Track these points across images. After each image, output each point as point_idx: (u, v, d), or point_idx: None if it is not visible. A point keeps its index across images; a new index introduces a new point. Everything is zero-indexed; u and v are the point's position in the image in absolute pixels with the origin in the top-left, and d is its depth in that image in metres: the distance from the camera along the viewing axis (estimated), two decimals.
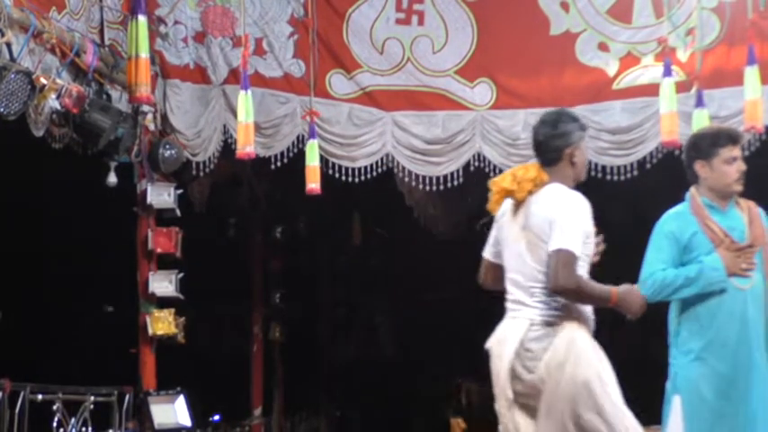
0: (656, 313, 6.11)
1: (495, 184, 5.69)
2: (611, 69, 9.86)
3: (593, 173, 9.84)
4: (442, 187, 10.24)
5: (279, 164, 10.24)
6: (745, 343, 6.17)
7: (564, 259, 5.30)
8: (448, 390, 15.38)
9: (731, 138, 6.40)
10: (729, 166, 6.33)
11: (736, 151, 6.36)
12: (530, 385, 5.45)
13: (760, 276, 6.21)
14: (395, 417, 15.49)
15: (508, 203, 5.67)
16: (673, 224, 6.39)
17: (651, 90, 9.64)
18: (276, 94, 10.22)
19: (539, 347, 5.43)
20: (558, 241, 5.32)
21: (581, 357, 5.40)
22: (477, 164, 10.11)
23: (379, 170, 10.23)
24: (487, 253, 5.80)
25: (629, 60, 9.84)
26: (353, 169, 10.20)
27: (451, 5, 10.07)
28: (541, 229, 5.45)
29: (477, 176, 10.38)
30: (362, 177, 10.23)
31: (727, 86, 9.49)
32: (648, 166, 9.73)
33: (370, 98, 10.21)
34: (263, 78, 10.19)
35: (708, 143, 6.46)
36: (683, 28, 9.64)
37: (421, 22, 10.15)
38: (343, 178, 10.20)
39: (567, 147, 5.71)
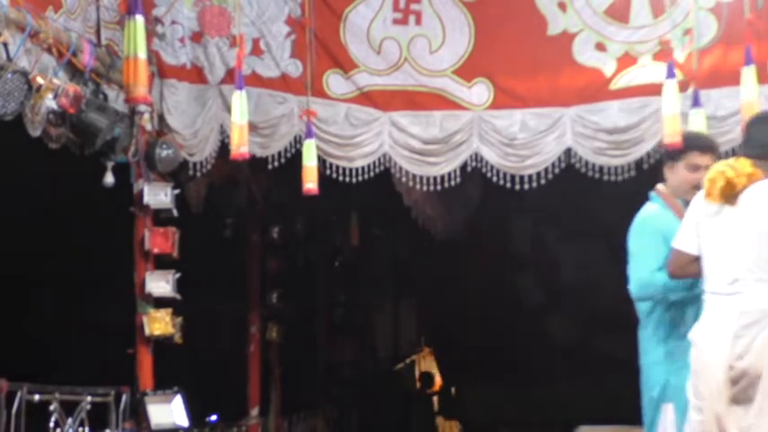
0: None
1: (716, 176, 5.83)
2: (609, 69, 9.85)
3: (590, 173, 9.87)
4: (439, 187, 10.22)
5: (276, 164, 10.23)
6: None
7: None
8: (443, 391, 15.39)
9: (700, 146, 6.58)
10: (691, 173, 6.48)
11: (702, 159, 6.49)
12: (740, 371, 5.62)
13: None
14: (392, 417, 15.50)
15: (703, 198, 5.87)
16: (660, 225, 6.48)
17: (648, 90, 9.64)
18: (273, 94, 10.21)
19: (750, 334, 5.61)
20: None
21: None
22: (474, 164, 10.09)
23: (377, 170, 10.22)
24: (685, 245, 5.97)
25: (626, 60, 9.83)
26: (351, 169, 10.18)
27: (449, 5, 10.05)
28: (760, 225, 5.68)
29: (474, 176, 10.41)
30: (360, 177, 10.21)
31: (723, 86, 9.48)
32: (646, 166, 9.73)
33: (367, 98, 10.19)
34: (260, 78, 10.18)
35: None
36: (680, 28, 9.62)
37: (418, 22, 10.13)
38: (341, 178, 10.19)
39: None
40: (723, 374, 5.63)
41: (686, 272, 6.04)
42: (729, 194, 5.77)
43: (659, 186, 6.72)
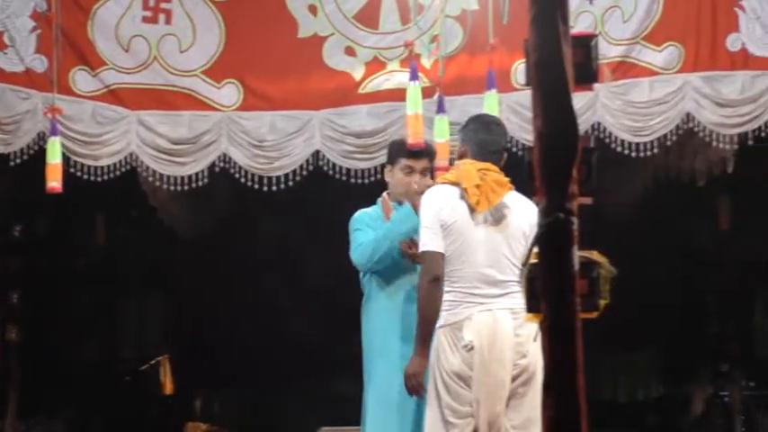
0: None
1: (484, 186, 6.04)
2: (358, 74, 9.99)
3: (338, 176, 9.98)
4: (186, 187, 10.18)
5: (19, 161, 10.00)
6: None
7: None
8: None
9: (411, 151, 6.93)
10: (406, 176, 6.82)
11: (415, 163, 6.84)
12: (520, 369, 5.93)
13: None
14: (136, 419, 15.31)
15: (452, 198, 6.12)
16: (367, 218, 6.83)
17: (396, 95, 9.80)
18: (17, 89, 9.96)
19: (525, 333, 5.87)
20: None
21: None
22: (222, 165, 10.09)
23: (123, 169, 10.11)
24: (440, 246, 6.16)
25: (375, 65, 9.98)
26: (97, 168, 10.04)
27: (199, 5, 10.01)
28: (522, 228, 6.05)
29: (222, 178, 10.40)
30: (106, 176, 10.08)
31: (468, 93, 9.73)
32: None
33: (114, 96, 10.05)
34: (3, 73, 9.92)
35: (394, 150, 7.04)
36: (427, 35, 9.82)
37: (168, 21, 10.05)
38: (86, 177, 10.03)
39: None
40: (508, 374, 5.85)
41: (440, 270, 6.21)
42: (494, 204, 6.02)
43: (384, 194, 7.20)
